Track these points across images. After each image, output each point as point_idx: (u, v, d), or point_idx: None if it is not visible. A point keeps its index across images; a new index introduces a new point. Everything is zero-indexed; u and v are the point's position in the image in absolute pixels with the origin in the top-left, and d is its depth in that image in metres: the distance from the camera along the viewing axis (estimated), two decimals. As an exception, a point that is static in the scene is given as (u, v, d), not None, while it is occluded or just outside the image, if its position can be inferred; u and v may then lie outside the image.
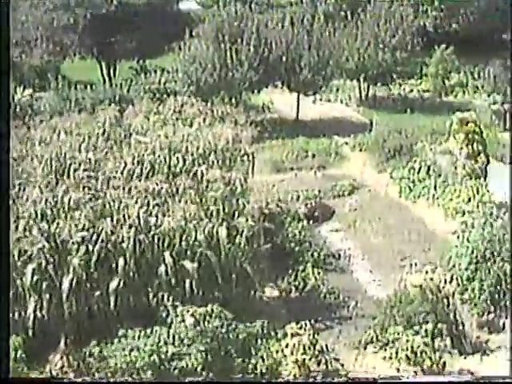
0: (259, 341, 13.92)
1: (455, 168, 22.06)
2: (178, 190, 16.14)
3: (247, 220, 15.46)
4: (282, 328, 14.24)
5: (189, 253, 14.81)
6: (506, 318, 16.07)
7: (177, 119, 21.65)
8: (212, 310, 13.60)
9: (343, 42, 32.63)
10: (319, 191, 22.17)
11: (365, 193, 22.56)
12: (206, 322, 13.34)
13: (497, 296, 16.42)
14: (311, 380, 13.71)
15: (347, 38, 32.91)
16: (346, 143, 27.02)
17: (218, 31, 30.22)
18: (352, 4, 38.92)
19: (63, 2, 36.35)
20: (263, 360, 13.54)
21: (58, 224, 14.58)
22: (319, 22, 31.41)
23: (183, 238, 14.84)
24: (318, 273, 17.37)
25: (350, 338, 15.24)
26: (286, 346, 13.70)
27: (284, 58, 29.24)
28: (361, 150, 26.25)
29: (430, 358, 14.03)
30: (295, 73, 29.31)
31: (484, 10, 44.38)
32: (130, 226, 14.65)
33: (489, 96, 33.82)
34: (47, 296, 13.93)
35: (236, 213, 15.75)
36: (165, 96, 29.32)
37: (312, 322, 15.09)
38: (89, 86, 31.50)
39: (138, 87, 32.27)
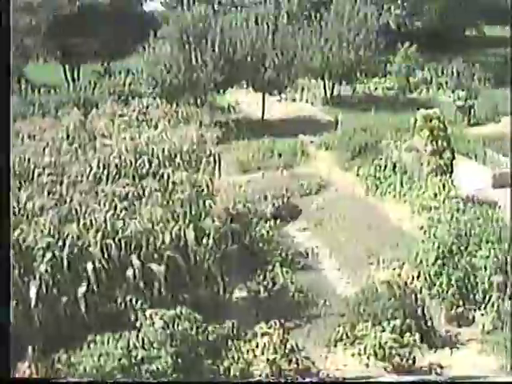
0: (229, 342, 13.92)
1: (421, 164, 22.21)
2: (144, 192, 16.06)
3: (214, 221, 15.44)
4: (252, 328, 14.27)
5: (156, 256, 14.73)
6: (475, 311, 16.28)
7: (142, 121, 21.55)
8: (181, 313, 13.55)
9: (307, 41, 32.66)
10: (286, 191, 22.14)
11: (331, 191, 22.64)
12: (175, 325, 13.29)
13: (465, 290, 16.62)
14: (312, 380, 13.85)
15: (311, 37, 32.95)
16: (312, 142, 27.05)
17: (182, 32, 30.13)
18: (316, 3, 39.11)
19: (25, 5, 35.97)
20: (234, 361, 13.52)
21: (22, 230, 14.40)
22: (283, 21, 31.44)
23: (150, 241, 14.76)
24: (287, 272, 17.37)
25: (319, 336, 15.28)
26: (257, 345, 13.72)
27: (249, 58, 29.22)
28: (327, 149, 26.33)
29: (399, 354, 14.12)
30: (260, 72, 29.29)
31: (446, 7, 44.94)
32: (97, 231, 14.54)
33: (453, 92, 34.07)
34: (13, 303, 13.74)
35: (203, 214, 15.72)
36: (129, 98, 29.19)
37: (282, 321, 15.18)
38: (53, 90, 31.20)
39: (103, 89, 32.07)
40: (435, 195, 20.76)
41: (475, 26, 49.47)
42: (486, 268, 16.70)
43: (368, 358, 14.09)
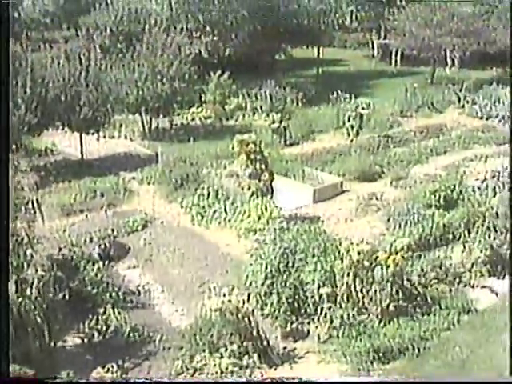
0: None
1: (242, 189, 22.69)
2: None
3: (37, 270, 14.93)
4: (89, 375, 13.92)
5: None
6: (309, 324, 16.84)
7: None
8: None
9: (121, 75, 32.29)
10: (112, 230, 21.80)
11: (158, 225, 22.52)
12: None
13: (296, 305, 17.14)
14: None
15: (125, 71, 32.60)
16: (134, 178, 26.85)
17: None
18: (128, 35, 38.88)
19: None
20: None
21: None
22: (96, 56, 30.88)
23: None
24: (119, 313, 17.09)
25: (159, 371, 15.19)
26: (94, 392, 13.42)
27: (62, 97, 28.31)
28: (149, 183, 26.20)
29: (240, 377, 14.33)
30: (75, 112, 28.49)
31: (255, 34, 46.41)
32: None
33: (267, 116, 35.13)
34: None
35: (25, 264, 15.14)
36: None
37: (120, 362, 14.99)
38: None
39: None
40: (259, 218, 21.28)
41: (283, 49, 51.42)
42: (314, 281, 17.34)
43: (209, 387, 14.17)
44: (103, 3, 41.04)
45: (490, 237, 19.93)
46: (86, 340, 16.28)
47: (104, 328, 16.51)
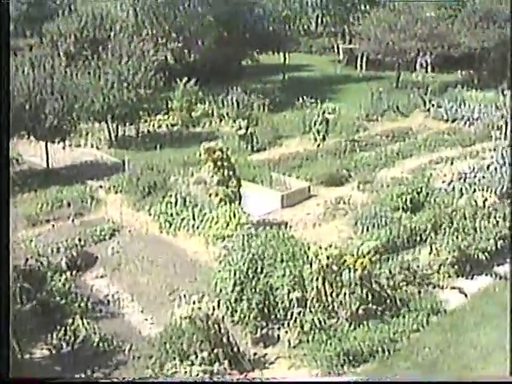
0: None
1: (209, 196, 22.64)
2: None
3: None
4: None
5: None
6: (279, 329, 16.84)
7: None
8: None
9: (87, 83, 32.01)
10: (79, 239, 21.61)
11: (126, 234, 22.38)
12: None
13: (266, 311, 17.13)
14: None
15: (91, 78, 32.32)
16: (101, 186, 26.64)
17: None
18: (93, 42, 38.58)
19: None
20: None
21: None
22: (61, 63, 30.58)
23: None
24: (88, 323, 16.95)
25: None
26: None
27: (27, 106, 27.98)
28: (116, 192, 25.99)
29: (211, 385, 14.30)
30: (40, 120, 28.19)
31: (221, 39, 46.48)
32: None
33: (234, 122, 35.11)
34: None
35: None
36: None
37: (88, 373, 14.85)
38: None
39: None
40: (227, 224, 21.24)
41: (249, 55, 51.48)
42: (283, 287, 17.35)
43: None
44: (67, 9, 40.75)
45: (457, 238, 20.10)
46: (54, 351, 16.11)
47: (72, 339, 16.36)
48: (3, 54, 13.45)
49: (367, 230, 21.87)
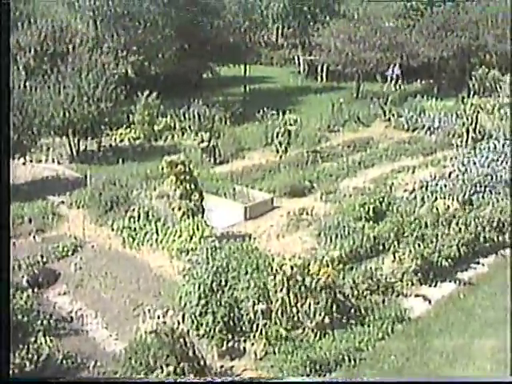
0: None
1: (172, 210, 22.56)
2: None
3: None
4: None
5: None
6: (245, 341, 16.81)
7: None
8: None
9: (47, 97, 31.65)
10: (41, 256, 21.32)
11: (88, 249, 22.13)
12: None
13: (232, 323, 17.10)
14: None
15: (50, 92, 31.96)
16: (63, 202, 26.34)
17: None
18: (53, 55, 38.20)
19: None
20: None
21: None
22: (20, 77, 30.22)
23: None
24: (51, 340, 16.74)
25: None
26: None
27: (-15, 121, 27.57)
28: (78, 207, 25.70)
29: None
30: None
31: (183, 53, 46.46)
32: None
33: (196, 135, 35.08)
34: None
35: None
36: None
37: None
38: None
39: None
40: (191, 238, 21.16)
41: (210, 68, 51.50)
42: (248, 299, 17.34)
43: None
44: (26, 22, 40.33)
45: (420, 246, 20.29)
46: (16, 370, 15.84)
47: (36, 357, 16.12)
48: (3, 54, 13.31)
49: (330, 240, 21.95)
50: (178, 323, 16.28)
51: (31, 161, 30.65)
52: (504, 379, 15.05)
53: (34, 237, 23.14)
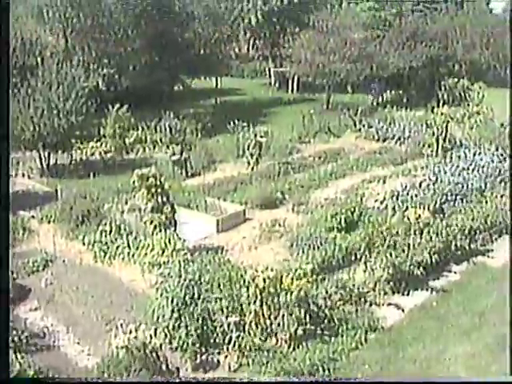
0: None
1: (144, 223, 22.47)
2: None
3: None
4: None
5: None
6: (219, 354, 16.76)
7: None
8: None
9: (17, 111, 31.31)
10: (11, 272, 20.93)
11: (59, 264, 21.94)
12: None
13: (205, 336, 17.05)
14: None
15: (20, 106, 31.65)
16: (33, 217, 26.10)
17: None
18: (22, 68, 37.85)
19: None
20: None
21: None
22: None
23: None
24: (22, 357, 16.51)
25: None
26: None
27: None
28: (49, 222, 25.49)
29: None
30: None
31: (152, 65, 46.34)
32: None
33: (168, 148, 35.06)
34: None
35: None
36: None
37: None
38: None
39: None
40: (163, 251, 21.04)
41: (181, 80, 51.41)
42: (221, 311, 17.33)
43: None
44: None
45: (391, 255, 20.38)
46: (-13, 388, 15.64)
47: (5, 375, 15.87)
48: (3, 53, 13.23)
49: (303, 251, 22.01)
50: (151, 337, 16.16)
51: (1, 175, 30.17)
52: (504, 379, 15.14)
53: (4, 252, 22.87)
